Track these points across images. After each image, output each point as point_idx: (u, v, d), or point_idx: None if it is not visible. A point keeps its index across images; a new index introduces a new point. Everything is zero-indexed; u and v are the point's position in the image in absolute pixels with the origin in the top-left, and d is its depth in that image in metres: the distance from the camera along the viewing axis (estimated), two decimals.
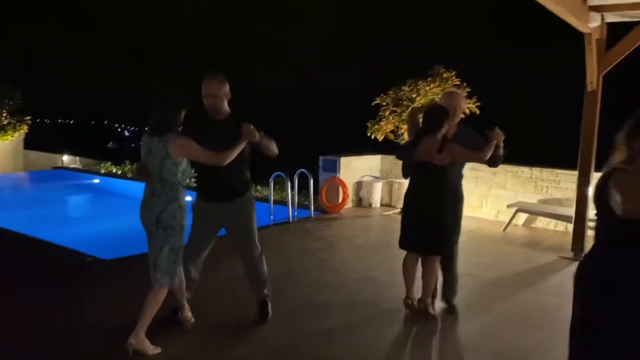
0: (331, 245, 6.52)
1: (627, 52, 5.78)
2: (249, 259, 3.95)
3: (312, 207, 8.19)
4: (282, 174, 7.75)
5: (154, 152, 3.33)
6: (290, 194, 7.81)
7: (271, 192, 7.78)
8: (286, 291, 4.70)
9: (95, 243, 6.41)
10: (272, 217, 7.71)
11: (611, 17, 5.77)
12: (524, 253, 6.39)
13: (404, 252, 4.24)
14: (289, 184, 7.74)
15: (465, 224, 8.07)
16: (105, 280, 4.86)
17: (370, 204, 8.97)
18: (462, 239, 6.97)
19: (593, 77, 5.95)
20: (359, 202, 9.11)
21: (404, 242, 4.22)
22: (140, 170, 3.42)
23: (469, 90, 7.93)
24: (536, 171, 8.06)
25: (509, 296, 4.81)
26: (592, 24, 5.49)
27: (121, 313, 4.00)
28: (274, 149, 3.79)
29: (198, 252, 3.89)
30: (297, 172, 8.02)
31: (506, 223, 7.63)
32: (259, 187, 10.47)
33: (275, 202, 7.95)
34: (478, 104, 7.71)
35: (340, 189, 8.57)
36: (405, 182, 4.12)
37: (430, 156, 3.90)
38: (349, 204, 8.87)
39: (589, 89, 6.04)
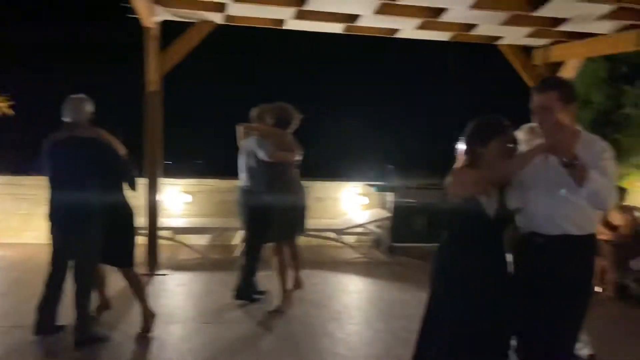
0: None
1: (186, 53, 5.65)
2: None
3: None
4: None
5: None
6: None
7: None
8: None
9: None
10: None
11: (167, 15, 5.49)
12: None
13: None
14: None
15: (3, 253, 6.36)
16: None
17: None
18: (8, 276, 5.43)
19: (154, 76, 5.56)
20: None
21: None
22: None
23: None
24: None
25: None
26: (157, 18, 5.06)
27: None
28: None
29: None
30: None
31: None
32: None
33: None
34: (12, 103, 6.11)
35: None
36: None
37: None
38: None
39: (151, 88, 5.61)
